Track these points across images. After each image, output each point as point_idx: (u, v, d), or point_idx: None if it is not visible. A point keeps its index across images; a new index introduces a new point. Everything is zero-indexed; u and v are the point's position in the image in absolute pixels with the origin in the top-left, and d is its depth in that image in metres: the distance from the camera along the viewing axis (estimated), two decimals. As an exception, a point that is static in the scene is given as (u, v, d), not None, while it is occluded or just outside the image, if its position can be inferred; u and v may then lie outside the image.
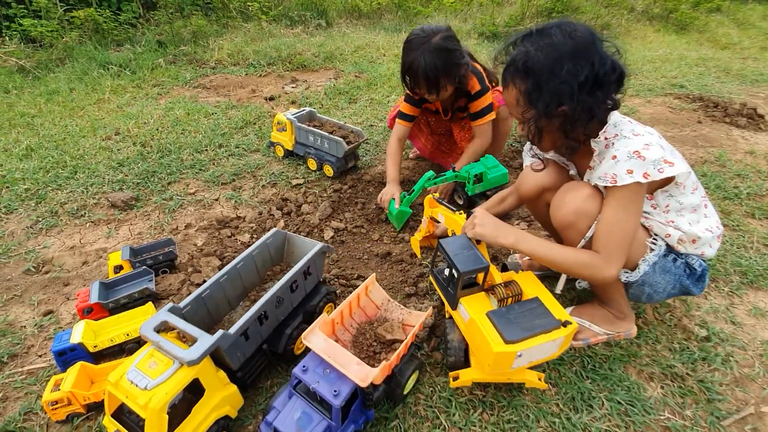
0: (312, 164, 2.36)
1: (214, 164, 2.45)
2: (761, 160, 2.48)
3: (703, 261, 1.27)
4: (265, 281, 1.41)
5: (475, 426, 1.15)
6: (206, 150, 2.58)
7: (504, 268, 1.41)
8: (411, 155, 2.57)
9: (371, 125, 2.95)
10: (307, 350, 1.14)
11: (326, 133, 2.23)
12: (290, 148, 2.43)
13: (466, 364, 1.22)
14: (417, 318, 1.21)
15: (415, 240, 1.77)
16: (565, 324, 1.05)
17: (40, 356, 1.34)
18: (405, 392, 1.15)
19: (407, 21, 5.71)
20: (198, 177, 2.33)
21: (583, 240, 1.17)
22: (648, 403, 1.23)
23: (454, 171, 1.94)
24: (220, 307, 1.25)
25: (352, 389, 0.95)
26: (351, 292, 1.62)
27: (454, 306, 1.20)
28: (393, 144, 2.19)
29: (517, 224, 2.02)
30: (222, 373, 1.05)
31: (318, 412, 0.97)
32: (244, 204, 2.13)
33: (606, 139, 1.15)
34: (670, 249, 1.24)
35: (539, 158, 1.41)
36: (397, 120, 2.19)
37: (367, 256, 1.86)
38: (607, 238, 1.11)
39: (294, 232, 1.91)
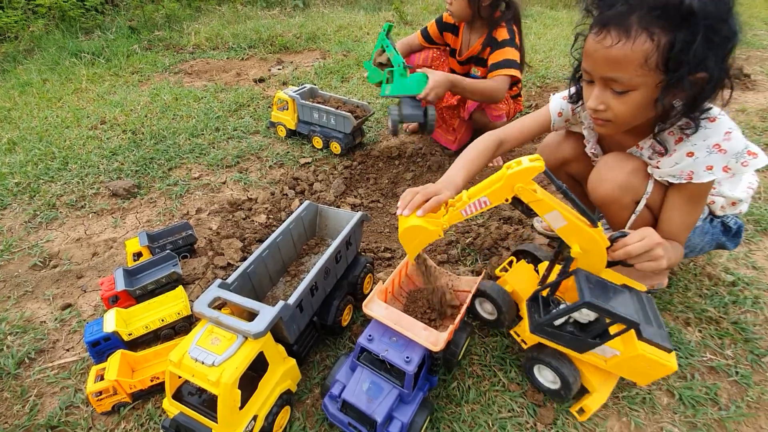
0: (318, 142, 2.29)
1: (214, 148, 2.34)
2: (754, 117, 2.58)
3: (738, 218, 1.28)
4: (301, 255, 1.36)
5: (533, 380, 1.16)
6: (203, 134, 2.46)
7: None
8: (407, 128, 2.52)
9: (369, 102, 2.89)
10: (352, 323, 1.12)
11: (333, 109, 2.17)
12: (293, 128, 2.35)
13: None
14: (468, 283, 1.20)
15: (418, 228, 0.99)
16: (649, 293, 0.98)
17: (68, 350, 1.25)
18: (460, 357, 1.14)
19: (385, 0, 5.61)
20: (199, 161, 2.22)
21: (633, 216, 1.13)
22: (690, 346, 1.27)
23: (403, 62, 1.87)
24: (263, 283, 1.20)
25: (422, 355, 0.93)
26: (382, 265, 1.62)
27: (585, 351, 0.99)
28: (399, 42, 2.21)
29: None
30: (281, 347, 1.01)
31: (387, 380, 0.95)
32: (253, 185, 2.05)
33: (678, 125, 0.98)
34: (710, 212, 1.25)
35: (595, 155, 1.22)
36: (418, 35, 2.27)
37: (389, 230, 1.83)
38: (682, 232, 1.09)
39: None
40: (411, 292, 1.20)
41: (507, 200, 0.92)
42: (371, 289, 1.38)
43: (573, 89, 1.22)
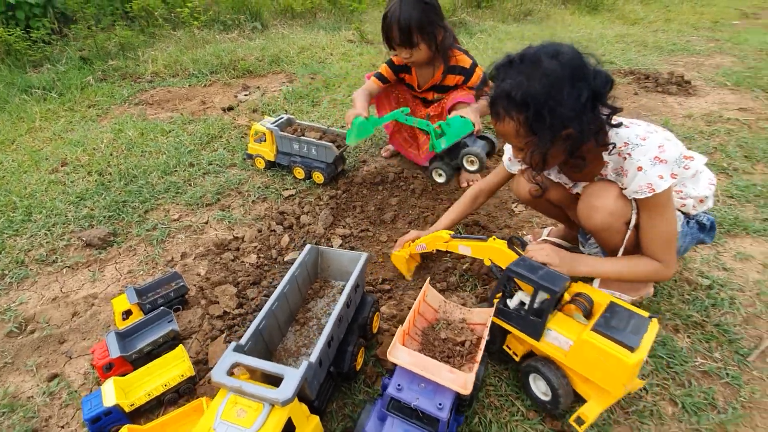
0: (299, 173, 2.26)
1: (190, 185, 2.26)
2: (700, 122, 2.80)
3: (709, 214, 1.41)
4: (307, 300, 1.34)
5: (548, 405, 1.19)
6: (176, 171, 2.37)
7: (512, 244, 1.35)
8: (384, 154, 2.54)
9: (342, 126, 2.89)
10: (364, 365, 1.11)
11: (314, 140, 2.15)
12: (272, 159, 2.31)
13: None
14: (480, 315, 1.22)
15: (400, 257, 1.62)
16: (651, 318, 1.05)
17: (63, 427, 1.16)
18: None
19: (343, 19, 5.65)
20: (177, 201, 2.14)
21: (624, 241, 1.24)
22: (682, 353, 1.35)
23: (428, 122, 1.88)
24: (274, 336, 1.17)
25: (453, 399, 0.94)
26: (383, 297, 1.61)
27: (540, 336, 1.11)
28: (360, 91, 2.16)
29: (514, 206, 2.10)
30: (304, 406, 0.98)
31: (419, 428, 0.94)
32: (238, 223, 2.00)
33: (619, 148, 1.16)
34: (684, 215, 1.36)
35: (538, 185, 1.37)
36: (372, 77, 2.22)
37: (383, 259, 1.83)
38: (662, 245, 1.18)
39: (301, 246, 1.84)
40: (424, 330, 1.20)
41: (434, 251, 1.54)
42: (378, 328, 1.38)
43: None
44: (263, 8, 5.25)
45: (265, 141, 2.29)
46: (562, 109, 1.04)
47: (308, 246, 1.33)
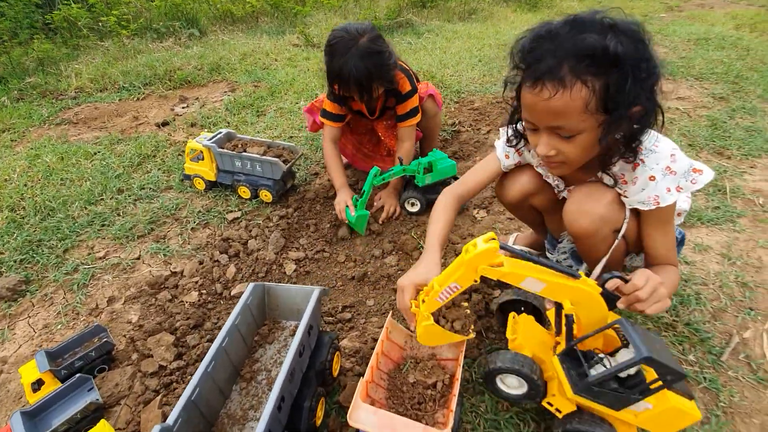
0: (245, 192, 2.06)
1: (119, 215, 2.00)
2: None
3: (680, 229, 1.35)
4: (254, 350, 1.16)
5: (530, 438, 1.09)
6: (102, 199, 2.10)
7: None
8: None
9: (291, 137, 2.71)
10: (326, 417, 0.95)
11: (258, 156, 1.96)
12: (213, 179, 2.10)
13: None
14: (451, 350, 1.10)
15: (433, 329, 0.99)
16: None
17: None
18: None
19: (287, 22, 5.42)
20: (103, 235, 1.88)
21: (611, 249, 1.14)
22: (659, 359, 1.30)
23: (401, 164, 1.88)
24: (213, 402, 0.99)
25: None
26: (344, 329, 1.46)
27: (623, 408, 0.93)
28: (328, 148, 2.04)
29: (476, 212, 2.01)
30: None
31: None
32: (176, 256, 1.78)
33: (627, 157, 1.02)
34: None
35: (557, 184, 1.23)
36: (325, 122, 2.04)
37: (342, 282, 1.68)
38: (673, 251, 1.12)
39: (250, 276, 1.66)
40: (390, 373, 1.07)
41: (476, 281, 0.92)
42: (339, 369, 1.23)
43: (510, 132, 1.23)
44: (200, 14, 4.93)
45: (203, 159, 2.07)
46: (647, 77, 0.87)
47: (251, 285, 1.16)
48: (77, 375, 1.16)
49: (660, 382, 0.85)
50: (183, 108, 3.24)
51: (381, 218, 1.96)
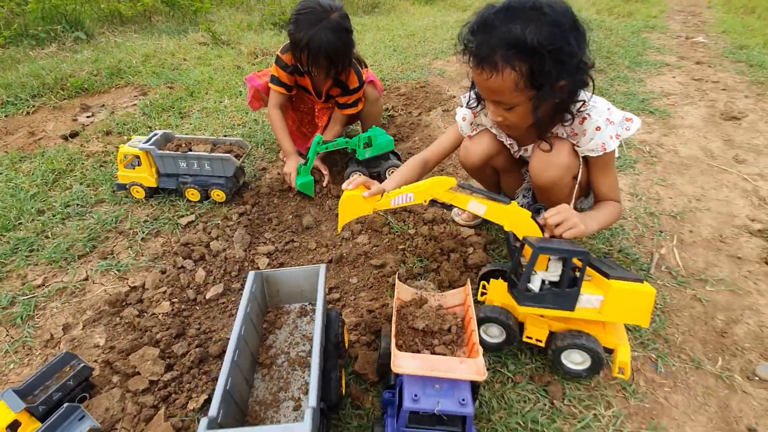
0: (193, 195, 1.95)
1: (47, 237, 1.76)
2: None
3: None
4: (264, 337, 1.15)
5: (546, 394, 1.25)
6: (21, 223, 1.82)
7: None
8: (283, 156, 2.35)
9: (224, 135, 2.59)
10: (346, 387, 1.01)
11: (207, 153, 1.87)
12: (154, 185, 1.94)
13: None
14: (456, 296, 1.20)
15: (354, 198, 1.22)
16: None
17: None
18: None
19: (186, 20, 5.06)
20: (34, 261, 1.65)
21: (574, 194, 1.34)
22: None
23: (346, 138, 2.02)
24: (243, 392, 0.97)
25: (470, 389, 0.90)
26: (338, 307, 1.49)
27: (574, 305, 1.11)
28: (275, 114, 2.08)
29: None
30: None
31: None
32: (131, 270, 1.63)
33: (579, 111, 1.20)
34: None
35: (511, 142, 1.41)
36: (273, 87, 2.06)
37: (316, 264, 1.69)
38: (615, 190, 1.35)
39: (222, 276, 1.61)
40: (406, 331, 1.13)
41: (425, 201, 1.20)
42: (348, 351, 1.27)
43: (472, 95, 1.38)
44: (83, 15, 4.37)
45: (140, 165, 1.90)
46: (567, 59, 1.03)
47: (252, 273, 1.14)
48: (65, 405, 1.03)
49: (578, 266, 1.08)
50: (88, 117, 2.89)
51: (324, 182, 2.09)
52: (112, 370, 1.26)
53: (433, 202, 1.21)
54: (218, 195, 1.94)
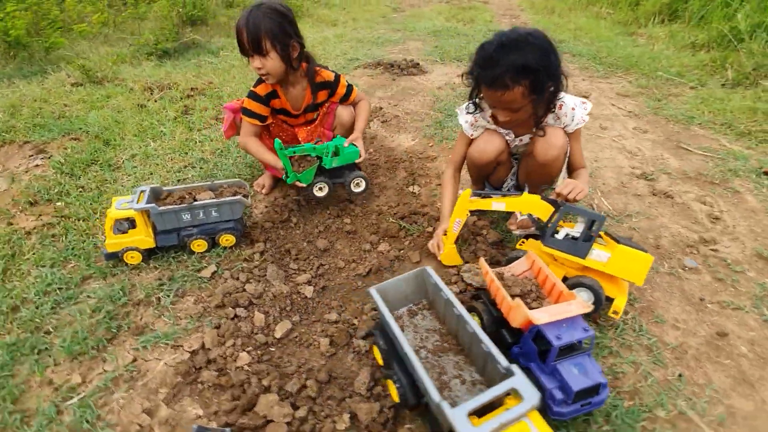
0: (200, 246, 1.86)
1: (48, 333, 1.51)
2: (448, 89, 3.81)
3: None
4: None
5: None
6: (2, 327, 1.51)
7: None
8: (262, 190, 2.34)
9: (182, 179, 2.43)
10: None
11: (214, 200, 1.81)
12: (152, 245, 1.80)
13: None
14: (519, 265, 1.50)
15: (451, 252, 1.77)
16: None
17: None
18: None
19: (44, 59, 4.24)
20: (52, 362, 1.41)
21: (564, 166, 1.81)
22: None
23: (314, 145, 2.03)
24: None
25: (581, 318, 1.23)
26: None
27: (586, 255, 1.48)
28: (250, 140, 2.15)
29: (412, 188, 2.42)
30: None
31: (578, 355, 1.19)
32: (181, 335, 1.53)
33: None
34: None
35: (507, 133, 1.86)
36: (246, 119, 2.13)
37: (362, 282, 1.83)
38: (582, 160, 1.85)
39: (280, 313, 1.66)
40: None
41: (468, 214, 1.71)
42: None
43: (470, 106, 1.80)
44: None
45: (135, 227, 1.74)
46: (552, 70, 1.52)
47: (373, 290, 1.28)
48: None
49: (592, 227, 1.51)
50: (-23, 191, 2.36)
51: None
52: (242, 427, 1.24)
53: (473, 212, 1.67)
54: (228, 240, 1.89)
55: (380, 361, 1.37)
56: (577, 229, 1.56)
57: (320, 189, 2.09)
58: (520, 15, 7.63)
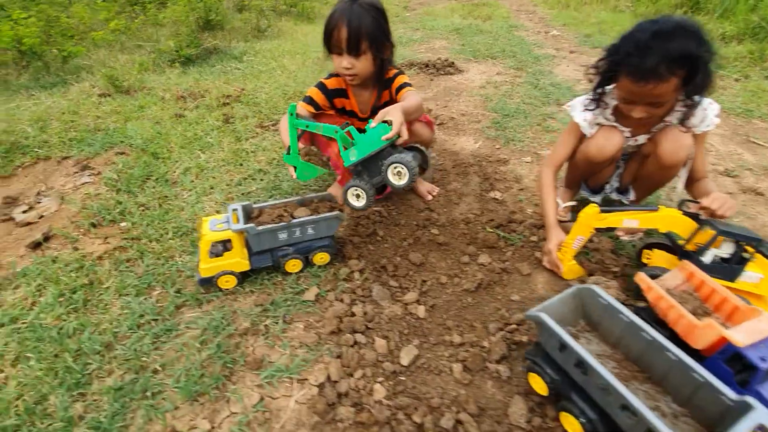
0: (295, 266, 1.71)
1: (156, 372, 1.35)
2: (489, 87, 3.70)
3: None
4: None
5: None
6: (95, 369, 1.35)
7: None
8: None
9: (246, 193, 2.28)
10: None
11: (312, 217, 1.67)
12: (246, 268, 1.65)
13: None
14: (674, 276, 1.37)
15: (573, 266, 1.66)
16: None
17: None
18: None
19: (61, 69, 4.03)
20: (168, 406, 1.26)
21: (684, 169, 1.67)
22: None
23: (339, 128, 1.56)
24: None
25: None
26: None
27: (736, 277, 1.37)
28: (282, 119, 1.84)
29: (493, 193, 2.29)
30: None
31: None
32: (305, 366, 1.39)
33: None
34: None
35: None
36: (300, 103, 1.96)
37: (471, 298, 1.71)
38: (706, 168, 1.73)
39: (400, 338, 1.53)
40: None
41: (593, 231, 1.57)
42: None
43: (591, 102, 1.70)
44: None
45: (231, 249, 1.59)
46: (707, 64, 1.38)
47: (534, 313, 1.14)
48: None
49: (748, 251, 1.37)
50: (24, 212, 2.18)
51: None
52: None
53: (598, 229, 1.56)
54: (322, 258, 1.75)
55: (541, 391, 1.24)
56: (724, 249, 1.41)
57: (357, 197, 1.64)
58: (535, 10, 7.56)
